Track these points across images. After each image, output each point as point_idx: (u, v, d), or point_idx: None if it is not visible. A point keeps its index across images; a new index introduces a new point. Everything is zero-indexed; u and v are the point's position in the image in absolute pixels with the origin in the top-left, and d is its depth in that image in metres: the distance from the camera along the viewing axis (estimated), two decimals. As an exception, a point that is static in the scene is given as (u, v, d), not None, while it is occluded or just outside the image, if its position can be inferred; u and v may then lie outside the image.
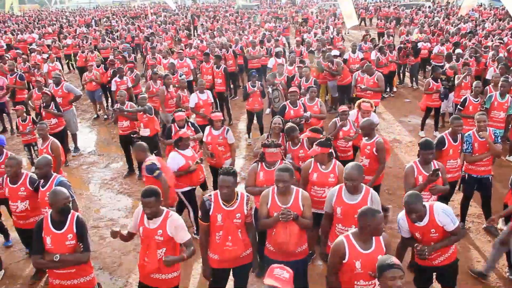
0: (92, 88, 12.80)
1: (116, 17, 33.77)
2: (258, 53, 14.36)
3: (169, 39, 19.94)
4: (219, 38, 17.37)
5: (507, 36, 16.55)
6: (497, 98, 8.56)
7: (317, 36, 17.33)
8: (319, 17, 27.75)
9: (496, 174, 8.41)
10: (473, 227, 7.16)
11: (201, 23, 27.47)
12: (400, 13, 30.12)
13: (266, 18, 27.93)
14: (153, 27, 24.55)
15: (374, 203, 4.54)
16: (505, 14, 24.17)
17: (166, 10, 37.63)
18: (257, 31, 19.96)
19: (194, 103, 9.43)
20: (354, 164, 4.61)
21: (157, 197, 4.22)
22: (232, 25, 24.06)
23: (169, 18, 29.43)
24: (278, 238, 4.46)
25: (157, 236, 4.27)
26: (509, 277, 5.89)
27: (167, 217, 4.30)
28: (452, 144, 6.51)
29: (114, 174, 9.67)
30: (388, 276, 3.25)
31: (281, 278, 3.19)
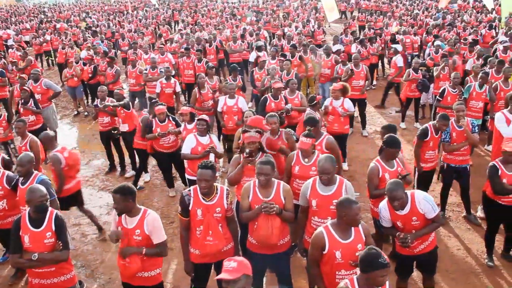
0: (73, 84, 12.66)
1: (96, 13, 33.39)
2: (239, 47, 14.31)
3: (150, 34, 19.78)
4: (199, 33, 17.27)
5: (484, 28, 16.73)
6: (476, 88, 8.68)
7: (298, 30, 17.34)
8: (300, 11, 27.73)
9: (474, 164, 8.52)
10: (453, 215, 7.27)
11: (182, 18, 27.26)
12: (381, 6, 30.28)
13: (247, 12, 27.86)
14: (134, 22, 24.31)
15: (349, 192, 4.58)
16: (483, 7, 24.46)
17: (148, 5, 37.23)
18: (238, 26, 19.88)
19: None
20: (327, 156, 4.63)
21: (125, 194, 4.17)
22: (213, 19, 23.96)
23: (150, 13, 29.16)
24: (260, 231, 4.46)
25: (135, 236, 4.23)
26: (487, 263, 6.00)
27: (145, 216, 4.26)
28: (434, 136, 6.62)
29: (95, 171, 9.58)
30: (380, 275, 3.27)
31: (228, 268, 3.17)
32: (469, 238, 6.69)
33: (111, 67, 12.04)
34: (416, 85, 10.50)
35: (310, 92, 12.35)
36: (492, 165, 5.63)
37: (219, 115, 8.50)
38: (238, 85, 9.87)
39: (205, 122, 6.61)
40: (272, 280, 5.28)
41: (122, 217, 4.30)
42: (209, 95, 9.27)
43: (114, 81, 11.88)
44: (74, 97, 13.16)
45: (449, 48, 12.37)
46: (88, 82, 12.88)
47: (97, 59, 13.21)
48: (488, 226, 6.03)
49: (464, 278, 5.83)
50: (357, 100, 10.24)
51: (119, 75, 12.28)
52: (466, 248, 6.45)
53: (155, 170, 9.27)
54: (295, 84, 8.58)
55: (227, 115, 8.26)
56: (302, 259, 5.99)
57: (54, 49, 18.88)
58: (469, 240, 6.64)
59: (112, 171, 9.38)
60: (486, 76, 8.73)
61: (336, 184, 4.62)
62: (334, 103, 8.17)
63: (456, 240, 6.67)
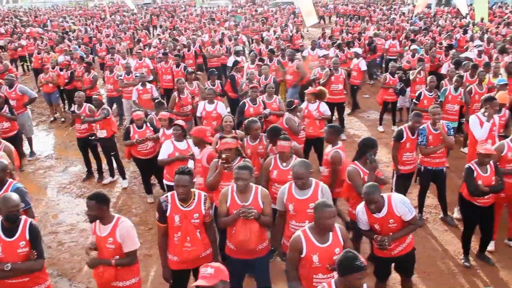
0: (49, 90, 12.44)
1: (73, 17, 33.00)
2: (217, 51, 14.29)
3: (128, 39, 19.63)
4: (178, 38, 17.21)
5: (459, 33, 17.04)
6: (451, 92, 8.80)
7: (276, 34, 17.41)
8: (278, 16, 27.93)
9: (451, 166, 8.68)
10: (430, 217, 7.36)
11: (160, 23, 27.13)
12: (358, 11, 30.65)
13: (226, 16, 27.90)
14: (112, 27, 24.10)
15: (325, 195, 4.60)
16: (458, 12, 24.96)
17: (126, 10, 36.97)
18: (217, 30, 19.86)
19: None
20: (301, 161, 4.66)
21: (100, 201, 4.14)
22: (192, 24, 23.91)
23: (128, 18, 28.97)
24: (239, 236, 4.44)
25: (108, 244, 4.19)
26: (464, 264, 6.08)
27: (117, 224, 4.22)
28: (409, 138, 6.70)
29: (73, 177, 9.43)
30: (357, 278, 3.28)
31: (205, 275, 3.17)
32: (446, 239, 6.77)
33: (88, 73, 11.90)
34: (394, 89, 10.62)
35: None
36: (468, 167, 5.71)
37: (198, 120, 8.46)
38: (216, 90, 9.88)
39: (180, 127, 6.55)
40: (251, 285, 5.26)
41: (96, 225, 4.25)
42: (188, 100, 9.22)
43: (92, 87, 11.74)
44: (50, 103, 12.95)
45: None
46: (64, 88, 12.69)
47: (74, 64, 13.04)
48: (464, 227, 6.12)
49: (442, 279, 5.90)
50: (336, 104, 10.31)
51: (97, 80, 12.14)
52: (443, 249, 6.53)
53: (133, 176, 9.19)
54: (273, 89, 8.61)
55: (206, 120, 8.23)
56: (282, 263, 5.99)
57: (29, 54, 18.58)
58: (446, 241, 6.72)
59: (89, 178, 9.25)
60: (460, 79, 8.88)
61: (312, 187, 4.64)
62: (310, 106, 8.20)
63: (433, 241, 6.75)
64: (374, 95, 13.75)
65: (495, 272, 5.97)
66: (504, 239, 6.51)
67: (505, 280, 5.81)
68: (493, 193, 5.71)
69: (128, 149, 7.81)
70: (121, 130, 10.31)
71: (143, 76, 10.33)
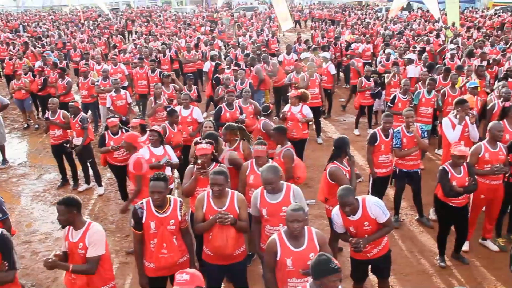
0: (21, 97, 12.21)
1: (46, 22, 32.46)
2: (193, 57, 14.25)
3: (103, 45, 19.42)
4: (153, 43, 17.11)
5: (431, 37, 17.32)
6: (425, 95, 8.94)
7: (252, 39, 17.46)
8: (254, 20, 28.03)
9: (426, 168, 8.81)
10: (406, 219, 7.44)
11: (136, 28, 26.93)
12: (334, 15, 30.97)
13: (202, 21, 27.86)
14: (86, 32, 23.82)
15: (297, 198, 4.63)
16: (431, 16, 25.44)
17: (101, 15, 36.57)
18: (192, 36, 19.82)
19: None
20: (269, 166, 4.66)
21: (69, 205, 4.08)
22: (168, 29, 23.81)
23: (103, 23, 28.68)
24: (215, 242, 4.43)
25: (79, 250, 4.12)
26: (440, 264, 6.17)
27: (88, 230, 4.16)
28: (383, 140, 6.76)
29: (47, 185, 9.27)
30: (332, 280, 3.28)
31: (181, 281, 3.15)
32: (422, 240, 6.86)
33: (63, 79, 11.71)
34: (370, 93, 10.74)
35: (265, 101, 12.43)
36: (442, 169, 5.79)
37: None
38: (193, 96, 9.86)
39: (156, 133, 6.50)
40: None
41: (69, 231, 4.19)
42: (164, 105, 9.17)
43: (66, 93, 11.57)
44: (23, 110, 12.72)
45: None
46: (38, 94, 12.48)
47: (47, 70, 12.83)
48: (439, 227, 6.19)
49: (418, 279, 5.97)
50: (312, 108, 10.35)
51: (71, 86, 11.97)
52: (419, 250, 6.61)
53: (109, 183, 9.08)
54: (249, 93, 8.63)
55: (182, 126, 8.18)
56: (259, 268, 6.00)
57: (1, 59, 18.21)
58: (422, 242, 6.81)
59: (64, 185, 9.10)
60: (433, 82, 9.04)
61: (283, 191, 4.65)
62: (293, 109, 8.24)
63: (410, 242, 6.82)
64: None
65: (469, 272, 6.07)
66: (478, 239, 6.63)
67: (479, 279, 5.92)
68: (467, 194, 5.81)
69: (104, 156, 7.71)
70: (97, 137, 10.18)
71: (117, 82, 10.21)
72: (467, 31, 19.39)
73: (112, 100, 9.96)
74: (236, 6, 41.69)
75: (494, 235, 6.63)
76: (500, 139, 6.11)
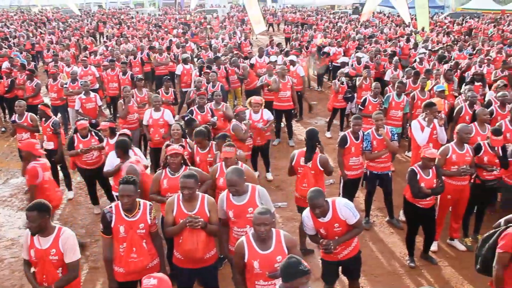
0: (-13, 100, 11.93)
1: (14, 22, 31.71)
2: (165, 59, 14.15)
3: (73, 46, 19.10)
4: (125, 45, 16.92)
5: (402, 41, 17.63)
6: (395, 98, 9.07)
7: (224, 42, 17.43)
8: (226, 23, 28.02)
9: (397, 170, 8.92)
10: (377, 220, 7.53)
11: (107, 29, 26.57)
12: (306, 18, 31.20)
13: (174, 24, 27.69)
14: (56, 33, 23.39)
15: (263, 199, 4.66)
16: (401, 21, 25.91)
17: (72, 16, 35.96)
18: (164, 38, 19.67)
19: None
20: (233, 168, 4.67)
21: (41, 211, 3.99)
22: (139, 31, 23.56)
23: (74, 24, 28.21)
24: (185, 245, 4.40)
25: (51, 256, 4.04)
26: (409, 264, 6.27)
27: (59, 235, 4.09)
28: (353, 142, 6.82)
29: (14, 190, 9.03)
30: (302, 282, 3.28)
31: (148, 286, 3.14)
32: (392, 241, 6.95)
33: (31, 80, 11.45)
34: (343, 96, 10.83)
35: (238, 103, 12.44)
36: (411, 170, 5.88)
37: (145, 128, 8.33)
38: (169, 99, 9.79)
39: (127, 137, 6.44)
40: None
41: (35, 238, 4.08)
42: (134, 108, 9.07)
43: (34, 95, 11.32)
44: (-11, 113, 12.40)
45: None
46: (5, 96, 12.15)
47: (15, 72, 12.53)
48: (408, 228, 6.30)
49: (389, 280, 6.05)
50: (284, 111, 10.40)
51: (40, 88, 11.71)
52: (389, 251, 6.70)
53: (79, 187, 8.92)
54: (220, 96, 8.63)
55: (153, 128, 8.11)
56: (230, 272, 5.98)
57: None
58: (392, 243, 6.90)
59: (32, 190, 8.89)
60: (402, 85, 9.19)
61: (248, 192, 4.66)
62: (253, 116, 8.25)
63: (380, 243, 6.91)
64: (322, 101, 14.03)
65: (438, 271, 6.19)
66: (446, 239, 6.77)
67: (447, 278, 6.04)
68: (434, 195, 5.92)
69: (73, 159, 7.57)
70: (66, 140, 9.99)
71: (86, 84, 10.03)
72: (436, 35, 19.84)
73: (81, 103, 9.76)
74: (194, 8, 41.58)
75: (462, 235, 6.77)
76: (468, 141, 6.24)
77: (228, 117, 8.25)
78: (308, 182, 5.95)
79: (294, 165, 6.17)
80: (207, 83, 10.24)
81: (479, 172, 6.40)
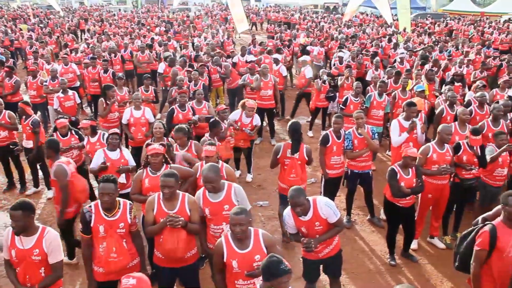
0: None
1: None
2: (147, 57, 14.03)
3: (54, 43, 18.85)
4: (106, 43, 16.75)
5: (384, 41, 17.77)
6: (376, 98, 9.14)
7: (207, 40, 17.38)
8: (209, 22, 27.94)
9: (378, 169, 9.00)
10: (358, 219, 7.58)
11: (89, 27, 26.28)
12: (289, 18, 31.28)
13: (157, 22, 27.51)
14: (36, 30, 23.04)
15: (239, 196, 4.68)
16: (384, 21, 26.13)
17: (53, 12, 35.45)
18: (146, 36, 19.53)
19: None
20: (210, 165, 4.67)
21: (26, 210, 3.93)
22: (121, 29, 23.35)
23: (55, 21, 27.82)
24: (166, 245, 4.38)
25: (34, 257, 3.98)
26: (390, 262, 6.33)
27: (43, 235, 4.03)
28: (335, 141, 6.85)
29: (-8, 189, 8.89)
30: (283, 281, 3.28)
31: (127, 286, 3.12)
32: (373, 239, 7.01)
33: (10, 77, 11.24)
34: (325, 95, 10.88)
35: (220, 102, 12.41)
36: (391, 169, 5.92)
37: (125, 128, 8.25)
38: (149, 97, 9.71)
39: (118, 136, 6.40)
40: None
41: (16, 238, 4.01)
42: (115, 106, 8.98)
43: (13, 93, 11.09)
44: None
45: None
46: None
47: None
48: (388, 227, 6.36)
49: (370, 278, 6.10)
50: (266, 110, 10.41)
51: (19, 86, 11.49)
52: (370, 250, 6.75)
53: (59, 186, 8.78)
54: (202, 95, 8.60)
55: (135, 127, 8.04)
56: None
57: None
58: (373, 241, 6.96)
59: (11, 189, 8.74)
60: (384, 84, 9.26)
61: (224, 190, 4.68)
62: (244, 119, 8.24)
63: (361, 242, 6.96)
64: (304, 101, 14.01)
65: (418, 269, 6.26)
66: (427, 238, 6.85)
67: (427, 276, 6.11)
68: (414, 195, 5.98)
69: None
70: (47, 138, 9.84)
71: (64, 82, 9.87)
72: (418, 36, 20.06)
73: (59, 101, 9.60)
74: (167, 7, 41.49)
75: (441, 233, 6.87)
76: (448, 141, 6.33)
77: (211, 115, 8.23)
78: (296, 172, 6.27)
79: (280, 158, 6.34)
80: (189, 82, 10.20)
81: (458, 171, 6.48)
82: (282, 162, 6.36)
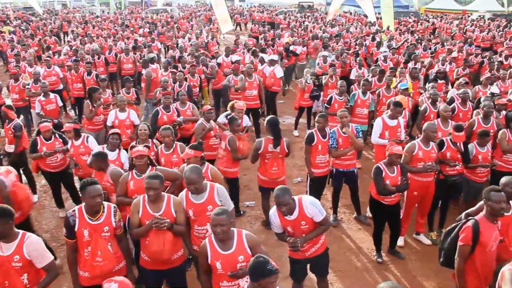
0: None
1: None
2: (131, 59, 13.91)
3: (36, 46, 18.62)
4: (90, 45, 16.60)
5: (367, 40, 17.86)
6: (360, 96, 9.18)
7: (191, 41, 17.30)
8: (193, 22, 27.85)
9: (364, 167, 9.05)
10: (344, 217, 7.62)
11: (72, 29, 26.02)
12: (273, 18, 31.30)
13: (141, 23, 27.33)
14: (17, 32, 22.73)
15: (221, 196, 4.69)
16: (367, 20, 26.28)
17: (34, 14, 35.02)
18: (130, 37, 19.38)
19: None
20: (192, 167, 4.68)
21: (5, 216, 3.87)
22: (105, 31, 23.15)
23: (37, 23, 27.49)
24: (152, 247, 4.36)
25: (14, 263, 3.91)
26: (377, 259, 6.37)
27: (23, 241, 3.96)
28: (320, 140, 6.86)
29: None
30: (270, 282, 3.29)
31: None
32: (360, 237, 7.04)
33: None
34: (310, 95, 10.90)
35: (205, 103, 12.37)
36: (377, 167, 5.94)
37: (110, 130, 8.16)
38: (131, 99, 9.65)
39: (118, 136, 6.38)
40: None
41: None
42: (101, 109, 8.91)
43: (-6, 96, 10.98)
44: None
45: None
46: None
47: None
48: (374, 225, 6.40)
49: (357, 276, 6.14)
50: (251, 110, 10.40)
51: (1, 89, 11.33)
52: (357, 247, 6.79)
53: (43, 190, 8.70)
54: (185, 96, 8.57)
55: (120, 129, 7.97)
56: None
57: None
58: (360, 239, 6.99)
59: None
60: (368, 83, 9.31)
61: (207, 190, 4.68)
62: None
63: (348, 240, 6.99)
64: (289, 100, 14.07)
65: (405, 266, 6.31)
66: (412, 234, 6.91)
67: (413, 272, 6.16)
68: (399, 192, 6.02)
69: (36, 162, 7.36)
70: (29, 142, 9.73)
71: (45, 86, 9.73)
72: (401, 34, 20.20)
73: (41, 105, 9.49)
74: (148, 7, 41.33)
75: (427, 230, 6.93)
76: (434, 139, 6.38)
77: (195, 117, 8.21)
78: (278, 165, 6.62)
79: (262, 152, 6.54)
80: (173, 83, 10.16)
81: (442, 168, 6.54)
82: (263, 157, 6.58)
